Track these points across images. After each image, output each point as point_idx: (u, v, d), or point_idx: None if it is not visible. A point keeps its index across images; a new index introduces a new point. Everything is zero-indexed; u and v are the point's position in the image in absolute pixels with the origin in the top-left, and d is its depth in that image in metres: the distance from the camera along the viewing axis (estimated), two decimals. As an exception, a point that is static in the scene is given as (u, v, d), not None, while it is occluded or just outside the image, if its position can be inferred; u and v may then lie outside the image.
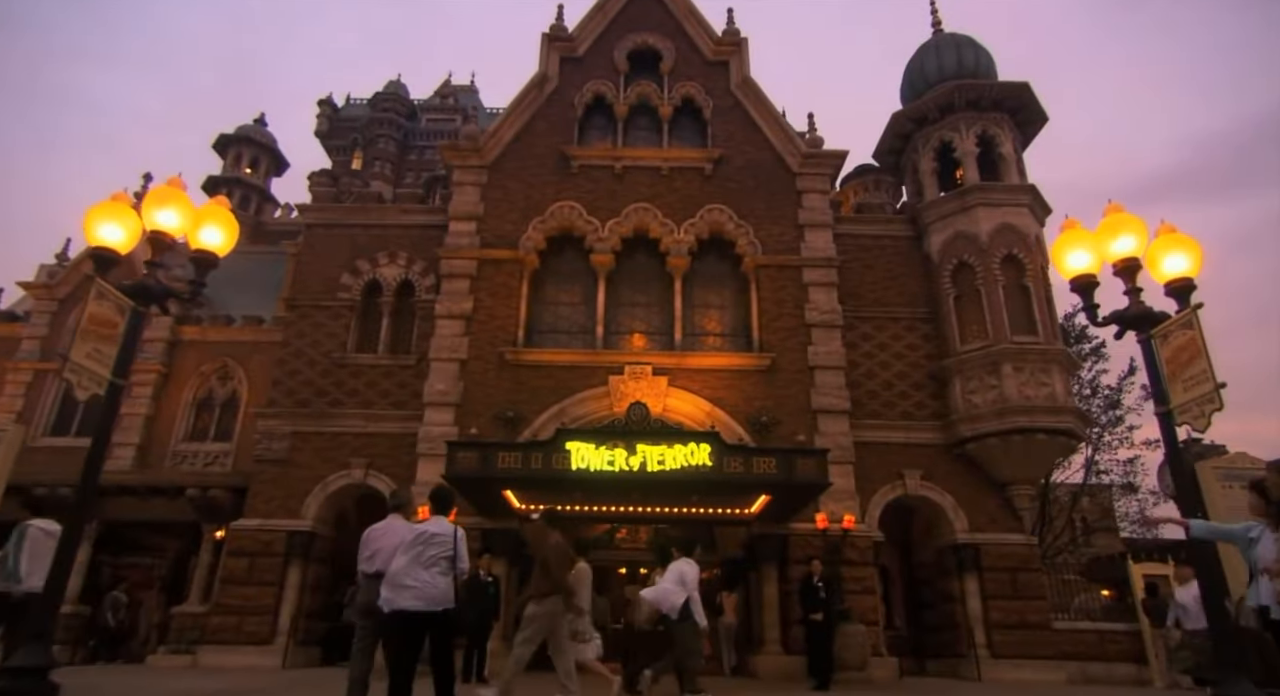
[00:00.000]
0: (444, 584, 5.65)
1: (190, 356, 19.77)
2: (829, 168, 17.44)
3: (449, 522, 6.00)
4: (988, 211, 16.35)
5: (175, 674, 11.80)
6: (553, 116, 17.75)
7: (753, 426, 14.72)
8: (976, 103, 17.26)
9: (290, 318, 16.64)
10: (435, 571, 5.65)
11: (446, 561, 5.70)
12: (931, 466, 15.42)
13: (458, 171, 17.02)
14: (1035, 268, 16.01)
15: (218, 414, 19.41)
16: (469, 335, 15.53)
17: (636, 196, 16.84)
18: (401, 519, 6.88)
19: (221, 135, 40.85)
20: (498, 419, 14.75)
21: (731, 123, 17.84)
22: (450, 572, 5.69)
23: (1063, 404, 14.88)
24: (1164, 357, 6.97)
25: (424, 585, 5.59)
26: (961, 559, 14.84)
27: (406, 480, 14.71)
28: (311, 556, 14.82)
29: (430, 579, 5.61)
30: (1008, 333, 15.35)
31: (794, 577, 13.71)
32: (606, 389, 15.06)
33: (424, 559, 5.66)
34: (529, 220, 16.50)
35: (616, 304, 16.54)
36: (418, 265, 16.90)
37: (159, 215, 7.20)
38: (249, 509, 14.80)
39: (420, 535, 5.78)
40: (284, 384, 15.92)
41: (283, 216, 41.27)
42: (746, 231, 16.56)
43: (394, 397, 15.78)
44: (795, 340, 15.69)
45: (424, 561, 5.66)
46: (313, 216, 17.42)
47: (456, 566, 5.73)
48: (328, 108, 61.23)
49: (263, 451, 15.23)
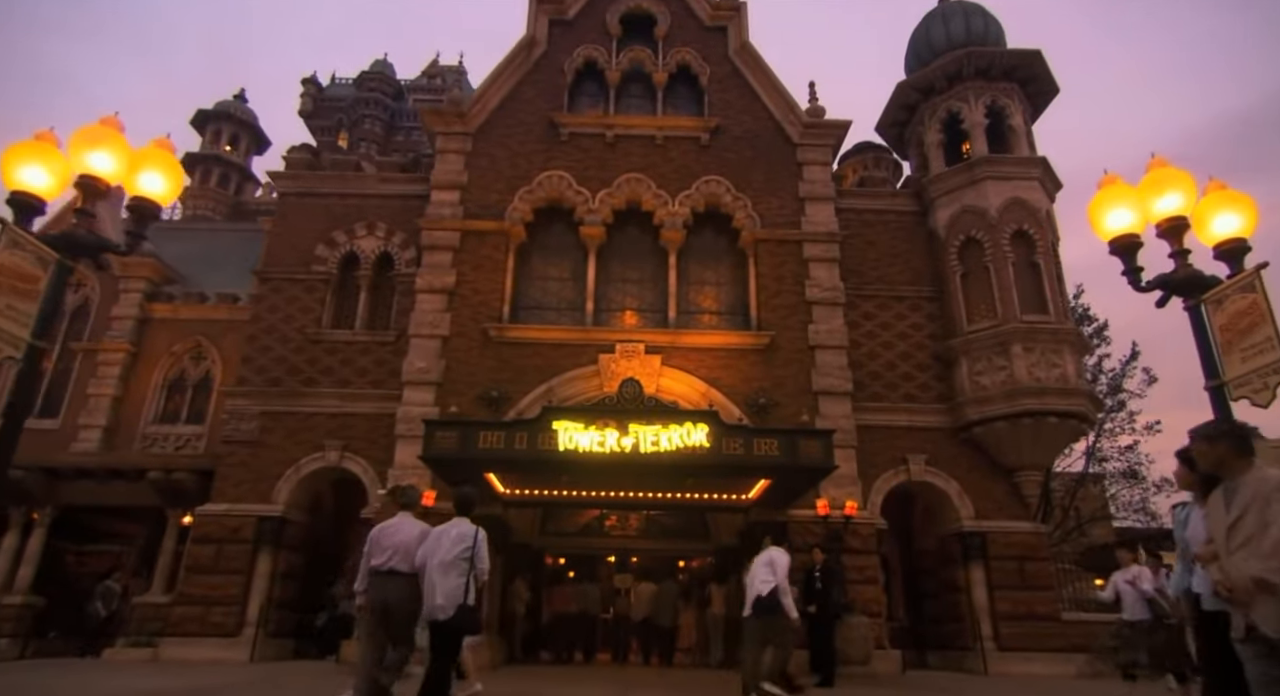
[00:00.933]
0: (461, 584, 5.88)
1: (161, 335, 18.84)
2: (831, 139, 16.63)
3: (470, 524, 6.19)
4: (997, 185, 15.60)
5: (130, 669, 10.99)
6: (541, 82, 16.84)
7: (751, 408, 13.98)
8: (986, 71, 16.47)
9: (262, 291, 15.72)
10: (455, 572, 5.92)
11: (466, 562, 5.94)
12: (936, 451, 14.73)
13: (440, 138, 16.10)
14: (1046, 244, 15.29)
15: (190, 395, 18.53)
16: (451, 310, 14.68)
17: (629, 166, 15.99)
18: (411, 517, 6.82)
19: (200, 111, 39.58)
20: (481, 399, 13.94)
21: (729, 91, 16.98)
22: (469, 573, 5.91)
23: (1075, 386, 14.20)
24: (1217, 326, 6.24)
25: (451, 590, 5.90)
26: (967, 547, 14.19)
27: (384, 463, 13.94)
28: (283, 543, 13.99)
29: (453, 580, 5.91)
30: (1017, 311, 14.64)
31: (793, 567, 12.99)
32: (596, 368, 14.27)
33: (447, 561, 5.95)
34: (515, 190, 15.62)
35: (607, 279, 15.73)
36: (397, 237, 16.00)
37: (90, 158, 6.29)
38: (216, 493, 13.95)
39: (444, 538, 6.07)
40: (254, 361, 15.03)
41: (264, 196, 40.11)
42: (744, 204, 15.76)
43: (371, 376, 14.93)
44: (795, 318, 14.94)
45: (447, 564, 5.95)
46: (286, 184, 16.47)
47: (476, 566, 5.97)
48: (312, 87, 59.73)
49: (231, 432, 14.37)
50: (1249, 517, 3.44)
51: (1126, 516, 22.07)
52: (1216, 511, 3.70)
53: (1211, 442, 3.80)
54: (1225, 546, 3.57)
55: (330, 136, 56.80)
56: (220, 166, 39.12)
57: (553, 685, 10.06)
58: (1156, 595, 8.60)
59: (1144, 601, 8.69)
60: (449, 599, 5.87)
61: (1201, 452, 3.91)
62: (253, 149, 41.81)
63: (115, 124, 6.66)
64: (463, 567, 5.91)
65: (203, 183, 38.23)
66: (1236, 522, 3.49)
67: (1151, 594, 8.65)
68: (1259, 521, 3.40)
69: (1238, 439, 3.75)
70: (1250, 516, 3.43)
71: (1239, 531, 3.48)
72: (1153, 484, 21.20)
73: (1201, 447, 3.89)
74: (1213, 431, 3.84)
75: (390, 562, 6.39)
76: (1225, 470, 3.73)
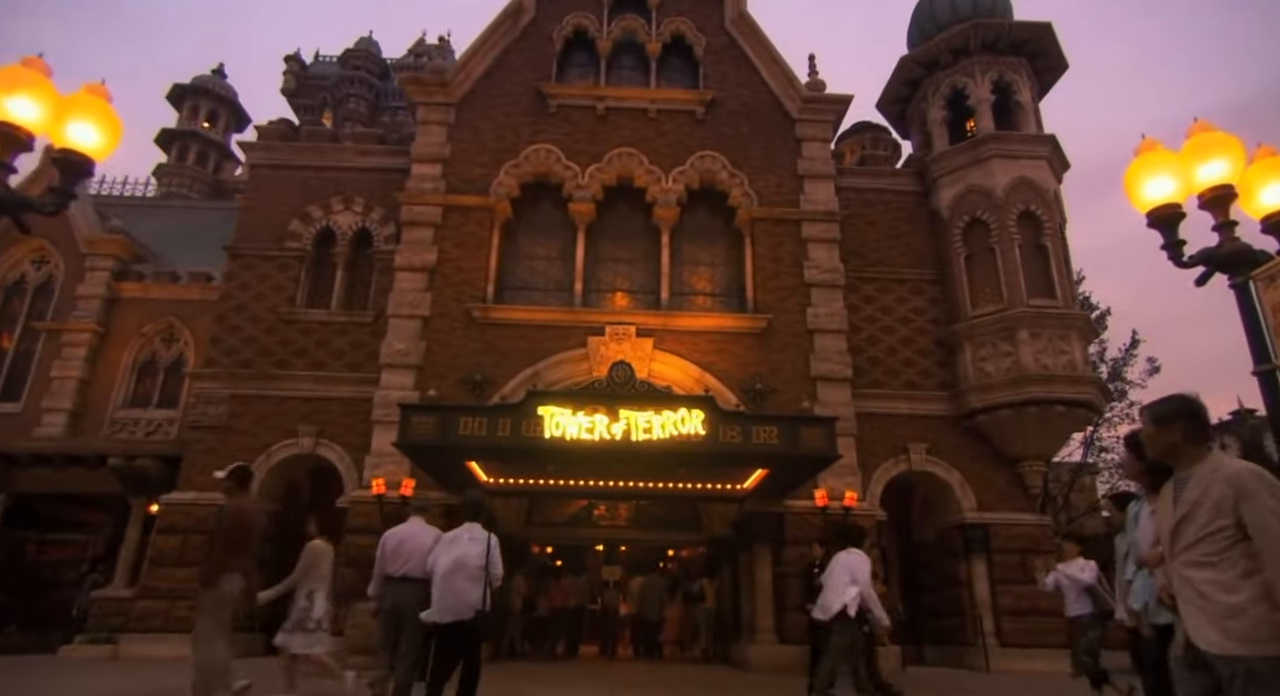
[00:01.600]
0: (477, 591, 5.86)
1: (131, 315, 17.96)
2: (831, 114, 15.93)
3: (482, 530, 6.13)
4: (1004, 164, 14.97)
5: (87, 668, 10.30)
6: (528, 51, 16.01)
7: (746, 394, 13.35)
8: (993, 45, 15.79)
9: (233, 268, 14.89)
10: (468, 578, 5.89)
11: (480, 569, 5.90)
12: (938, 440, 14.18)
13: (422, 108, 15.27)
14: (1054, 226, 14.70)
15: (162, 378, 17.69)
16: (432, 290, 13.93)
17: (621, 140, 15.23)
18: (423, 522, 6.81)
19: (176, 85, 38.30)
20: (464, 383, 13.24)
21: (725, 62, 16.23)
22: (483, 579, 5.89)
23: (1082, 373, 13.67)
24: (1268, 305, 5.64)
25: (463, 595, 5.85)
26: (969, 540, 13.67)
27: (361, 449, 13.24)
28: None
29: (466, 587, 5.87)
30: (1024, 296, 14.06)
31: (789, 560, 12.47)
32: (585, 351, 13.60)
33: (461, 568, 5.90)
34: (501, 164, 14.84)
35: (597, 258, 15.02)
36: (376, 212, 15.19)
37: (9, 104, 5.55)
38: (183, 481, 13.20)
39: (456, 544, 6.03)
40: (224, 341, 14.25)
41: (244, 174, 38.88)
42: (741, 181, 15.05)
43: (348, 358, 14.18)
44: (793, 301, 14.30)
45: (460, 571, 5.90)
46: (258, 156, 15.61)
47: (490, 573, 5.92)
48: (296, 65, 58.19)
49: (198, 416, 13.61)
50: (1197, 516, 2.81)
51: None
52: (1165, 508, 3.05)
53: (1161, 425, 3.06)
54: (1169, 549, 2.95)
55: (314, 115, 55.48)
56: (198, 143, 37.87)
57: (541, 685, 9.44)
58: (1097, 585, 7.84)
59: (1085, 595, 7.90)
60: (465, 603, 5.86)
61: (1150, 436, 3.16)
62: (232, 126, 40.54)
63: (39, 65, 5.87)
64: (478, 574, 5.89)
65: (179, 160, 37.04)
66: (1184, 519, 2.86)
67: (1089, 583, 7.84)
68: (1209, 522, 2.77)
69: (1192, 420, 3.00)
70: (1199, 514, 2.80)
71: (1186, 531, 2.85)
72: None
73: (1150, 431, 3.14)
74: (1164, 411, 3.09)
75: (404, 569, 6.41)
76: (1176, 459, 3.03)
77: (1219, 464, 2.87)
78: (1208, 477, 2.84)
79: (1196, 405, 3.07)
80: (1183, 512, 2.86)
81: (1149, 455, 3.64)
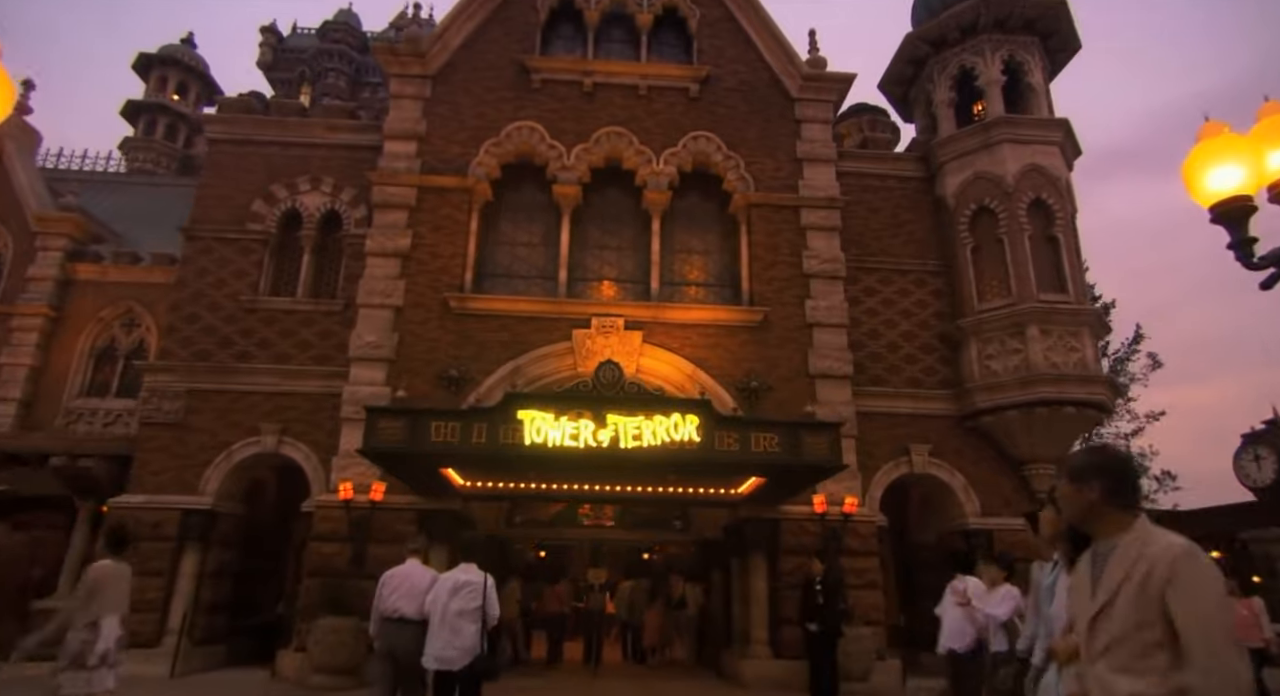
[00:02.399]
0: (473, 632, 5.89)
1: (87, 299, 16.79)
2: (833, 93, 15.01)
3: (478, 570, 6.09)
4: (1014, 149, 14.16)
5: (17, 689, 9.38)
6: (511, 21, 14.93)
7: (741, 392, 12.56)
8: (1005, 23, 14.91)
9: (190, 252, 13.82)
10: (465, 620, 5.89)
11: (476, 609, 5.91)
12: (940, 440, 13.48)
13: (395, 81, 14.20)
14: (1066, 216, 13.95)
15: (121, 366, 16.58)
16: (406, 277, 12.97)
17: (609, 119, 14.25)
18: (419, 563, 6.79)
19: (142, 54, 36.62)
20: (439, 378, 12.33)
21: (721, 36, 15.24)
22: (479, 621, 5.90)
23: (1094, 372, 12.99)
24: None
25: (459, 639, 5.87)
26: (972, 546, 12.98)
27: (329, 449, 12.33)
28: (213, 539, 12.36)
29: (462, 629, 5.88)
30: (1034, 290, 13.32)
31: (786, 569, 11.76)
32: (570, 345, 12.72)
33: (457, 610, 5.89)
34: (480, 142, 13.82)
35: (583, 245, 14.09)
36: (346, 192, 14.15)
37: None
38: (134, 482, 12.22)
39: (454, 586, 5.98)
40: (179, 331, 13.23)
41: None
42: (737, 164, 14.15)
43: (315, 350, 13.21)
44: (791, 293, 13.47)
45: (457, 613, 5.89)
46: (218, 130, 14.47)
47: (486, 613, 5.94)
48: (272, 37, 56.12)
49: (151, 413, 12.60)
50: (1119, 606, 2.18)
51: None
52: (1081, 590, 2.39)
53: (1078, 483, 2.38)
54: (1086, 644, 2.29)
55: (292, 89, 53.71)
56: (167, 116, 36.23)
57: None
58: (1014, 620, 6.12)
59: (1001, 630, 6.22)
60: (463, 648, 5.87)
61: (1066, 496, 2.45)
62: (203, 99, 38.81)
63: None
64: (475, 615, 5.89)
65: (147, 133, 35.45)
66: (1103, 610, 2.22)
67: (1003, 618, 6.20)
68: (1132, 615, 2.14)
69: (1115, 478, 2.35)
70: (1121, 604, 2.17)
71: (1105, 626, 2.21)
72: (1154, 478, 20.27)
73: (1065, 488, 2.44)
74: (1081, 466, 2.41)
75: (401, 610, 6.38)
76: (1095, 525, 2.38)
77: (1147, 538, 2.21)
78: (1132, 556, 2.19)
79: (1121, 461, 2.41)
80: (1102, 602, 2.22)
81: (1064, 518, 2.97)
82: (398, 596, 6.42)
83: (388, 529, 11.44)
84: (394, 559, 10.36)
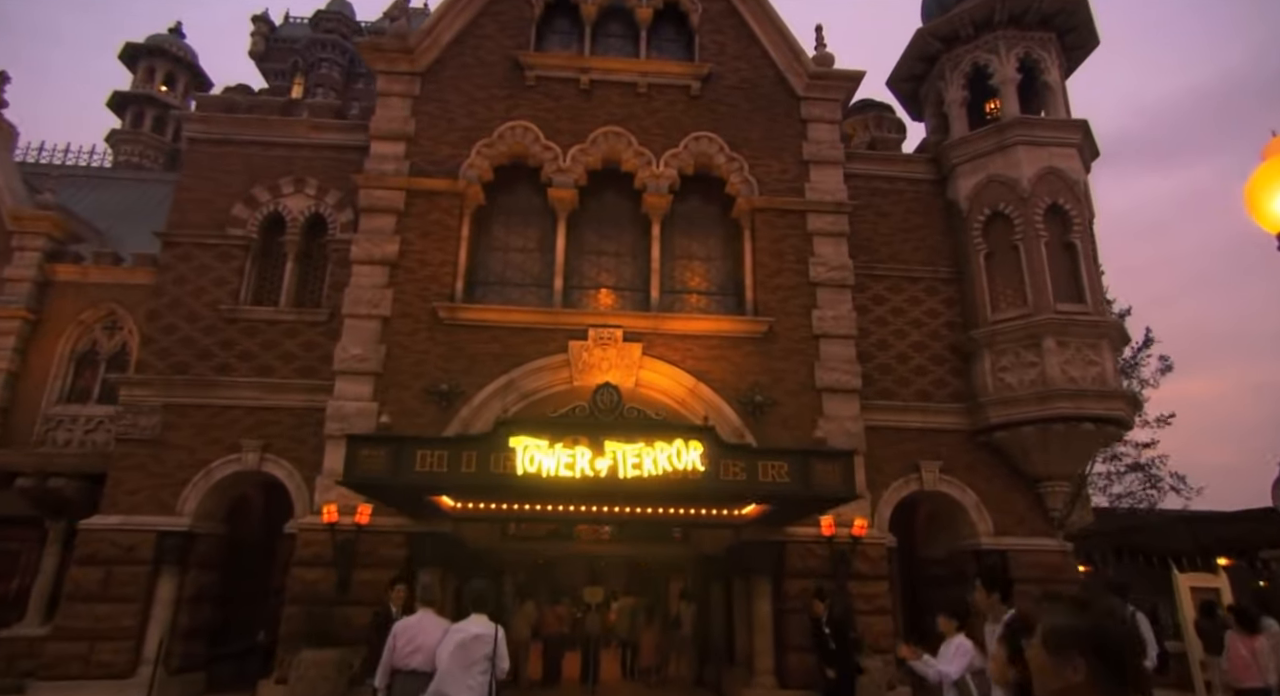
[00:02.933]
0: (483, 682, 5.85)
1: (67, 301, 16.11)
2: (840, 92, 14.38)
3: (489, 622, 6.04)
4: (1030, 152, 13.55)
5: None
6: (504, 15, 14.25)
7: (745, 407, 12.00)
8: (1021, 18, 14.26)
9: (167, 259, 13.20)
10: (476, 671, 5.86)
11: (487, 661, 5.89)
12: (952, 456, 12.94)
13: (382, 78, 13.54)
14: (1084, 222, 13.36)
15: (103, 371, 15.96)
16: (394, 286, 12.36)
17: (607, 118, 13.62)
18: (433, 614, 6.64)
19: (129, 44, 35.75)
20: (428, 392, 11.76)
21: (724, 32, 14.57)
22: (489, 672, 5.88)
23: (1113, 387, 12.45)
24: None
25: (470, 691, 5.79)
26: (989, 566, 12.47)
27: (313, 466, 11.76)
28: (191, 562, 11.79)
29: (473, 682, 5.82)
30: (1051, 300, 12.75)
31: (791, 594, 11.23)
32: (566, 357, 12.14)
33: (468, 662, 5.84)
34: (472, 143, 13.18)
35: (580, 252, 13.48)
36: (331, 195, 13.50)
37: None
38: (107, 503, 11.63)
39: (464, 638, 5.94)
40: (156, 342, 12.62)
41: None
42: (740, 167, 13.53)
43: (299, 362, 12.61)
44: (797, 302, 12.89)
45: (468, 665, 5.83)
46: (197, 129, 13.81)
47: (496, 666, 5.93)
48: (264, 26, 55.19)
49: (126, 429, 12.01)
50: None
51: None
52: None
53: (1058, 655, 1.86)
54: None
55: (285, 81, 52.80)
56: (155, 108, 35.44)
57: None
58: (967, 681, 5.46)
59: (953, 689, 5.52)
60: None
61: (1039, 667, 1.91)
62: (193, 90, 37.92)
63: None
64: (484, 666, 5.88)
65: (135, 126, 34.66)
66: None
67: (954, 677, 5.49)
68: None
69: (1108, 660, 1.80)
70: None
71: None
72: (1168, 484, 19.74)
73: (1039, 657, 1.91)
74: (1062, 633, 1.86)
75: (412, 662, 6.29)
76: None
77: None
78: None
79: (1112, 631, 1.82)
80: None
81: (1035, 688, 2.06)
82: (411, 649, 6.31)
83: (374, 553, 10.89)
84: (380, 585, 9.88)
